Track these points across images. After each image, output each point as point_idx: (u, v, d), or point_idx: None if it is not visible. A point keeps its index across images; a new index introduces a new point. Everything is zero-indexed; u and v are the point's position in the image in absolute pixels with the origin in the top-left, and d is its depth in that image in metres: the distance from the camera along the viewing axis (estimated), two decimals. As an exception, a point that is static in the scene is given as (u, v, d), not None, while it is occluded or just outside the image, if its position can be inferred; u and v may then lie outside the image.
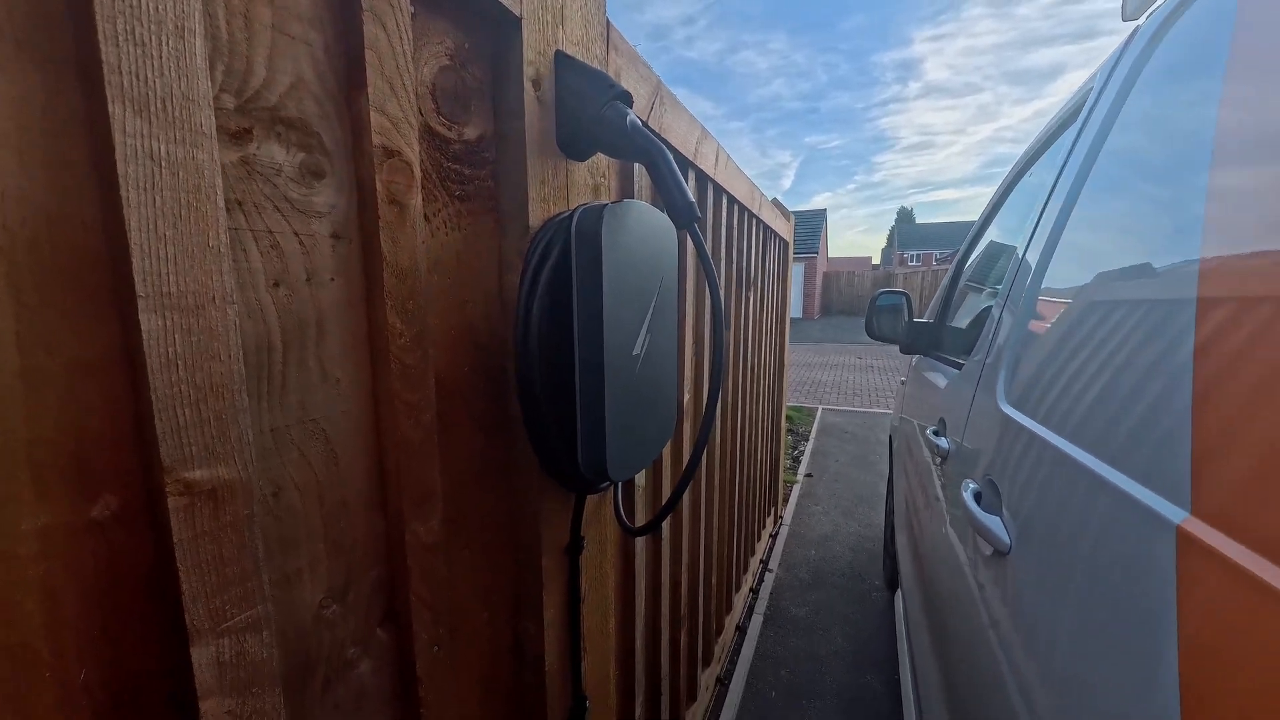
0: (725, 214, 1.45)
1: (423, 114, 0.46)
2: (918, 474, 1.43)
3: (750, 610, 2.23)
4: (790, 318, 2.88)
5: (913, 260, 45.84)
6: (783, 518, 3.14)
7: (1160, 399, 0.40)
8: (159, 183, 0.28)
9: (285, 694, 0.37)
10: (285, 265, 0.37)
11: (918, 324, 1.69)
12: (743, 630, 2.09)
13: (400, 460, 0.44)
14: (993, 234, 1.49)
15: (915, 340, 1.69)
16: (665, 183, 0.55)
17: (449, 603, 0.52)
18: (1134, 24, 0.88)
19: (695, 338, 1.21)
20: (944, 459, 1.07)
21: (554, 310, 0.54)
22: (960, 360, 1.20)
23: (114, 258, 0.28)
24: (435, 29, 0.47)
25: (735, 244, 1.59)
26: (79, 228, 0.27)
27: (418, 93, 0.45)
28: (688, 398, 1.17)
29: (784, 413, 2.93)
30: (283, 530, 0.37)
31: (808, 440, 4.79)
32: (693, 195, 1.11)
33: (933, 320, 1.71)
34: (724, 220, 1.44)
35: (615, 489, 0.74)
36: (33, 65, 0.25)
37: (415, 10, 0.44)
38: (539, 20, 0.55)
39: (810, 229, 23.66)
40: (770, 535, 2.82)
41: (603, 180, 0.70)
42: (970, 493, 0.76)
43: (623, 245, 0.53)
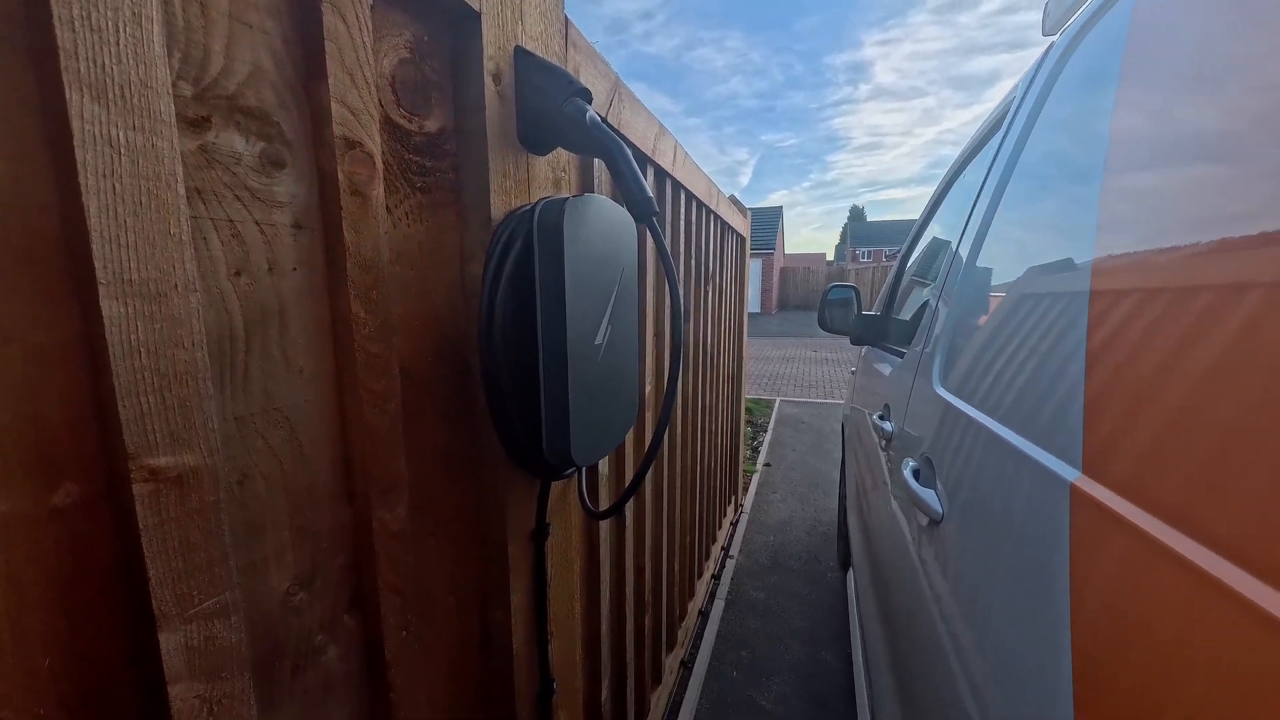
0: (684, 209, 1.48)
1: (383, 106, 0.47)
2: (867, 458, 1.51)
3: (712, 595, 2.29)
4: (749, 312, 2.96)
5: (864, 256, 47.61)
6: (743, 506, 3.23)
7: (1060, 377, 0.46)
8: (118, 170, 0.28)
9: (254, 680, 0.37)
10: (247, 254, 0.37)
11: (866, 316, 1.78)
12: (705, 615, 2.15)
13: (366, 448, 0.45)
14: (933, 231, 1.59)
15: (864, 332, 1.78)
16: (624, 178, 0.57)
17: (417, 589, 0.53)
18: (1050, 39, 0.96)
19: (656, 331, 1.24)
20: (889, 441, 1.15)
21: (517, 301, 0.55)
22: (903, 350, 1.28)
23: (72, 244, 0.28)
24: (394, 21, 0.48)
25: (694, 239, 1.62)
26: (36, 214, 0.27)
27: (378, 84, 0.45)
28: (649, 389, 1.20)
29: (743, 405, 3.01)
30: (248, 518, 0.38)
31: (766, 431, 4.94)
32: (651, 191, 1.13)
33: (879, 313, 1.80)
34: (683, 216, 1.47)
35: (580, 475, 0.76)
36: (-17, 48, 0.25)
37: (374, 2, 0.44)
38: (498, 16, 0.56)
39: (767, 226, 24.18)
40: (731, 523, 2.90)
41: (563, 174, 0.72)
42: (910, 470, 0.82)
43: (584, 238, 0.55)
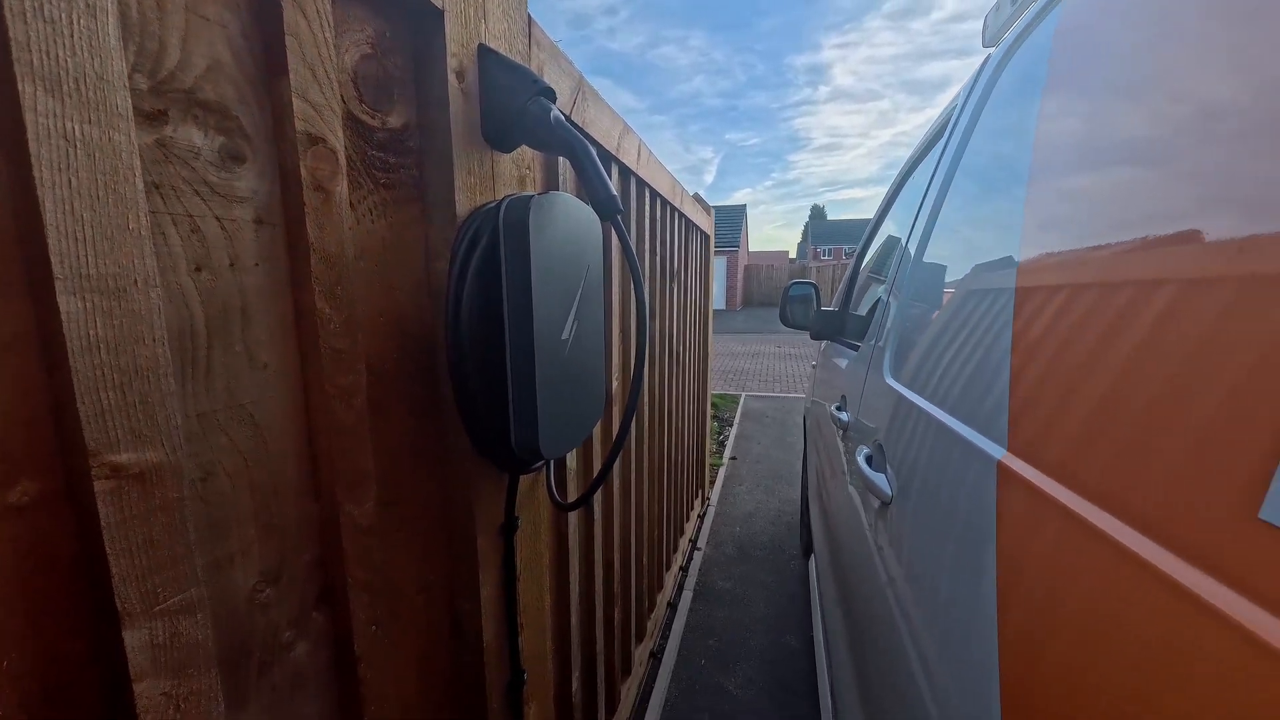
0: (648, 207, 1.50)
1: (345, 101, 0.47)
2: (826, 448, 1.57)
3: (680, 587, 2.33)
4: (714, 309, 3.01)
5: (825, 254, 48.91)
6: (710, 499, 3.29)
7: (991, 366, 0.50)
8: (74, 164, 0.28)
9: (221, 676, 0.37)
10: (207, 250, 0.36)
11: (825, 312, 1.85)
12: (674, 606, 2.19)
13: (333, 444, 0.45)
14: (887, 229, 1.66)
15: (822, 327, 1.85)
16: (588, 176, 0.59)
17: (386, 584, 0.54)
18: (989, 50, 1.03)
19: (623, 327, 1.25)
20: (845, 431, 1.20)
21: (483, 297, 0.56)
22: (858, 343, 1.34)
23: (25, 239, 0.27)
24: (355, 16, 0.48)
25: (659, 236, 1.65)
26: (-13, 207, 0.26)
27: (340, 80, 0.45)
28: (616, 384, 1.22)
29: (709, 400, 3.06)
30: (213, 514, 0.38)
31: (732, 425, 5.03)
32: (616, 189, 1.15)
33: (837, 308, 1.87)
34: (647, 213, 1.49)
35: (548, 469, 0.77)
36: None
37: (335, -3, 0.44)
38: (461, 13, 0.56)
39: (732, 224, 24.52)
40: (699, 516, 2.95)
41: (528, 172, 0.72)
42: (863, 456, 0.87)
43: (549, 235, 0.56)
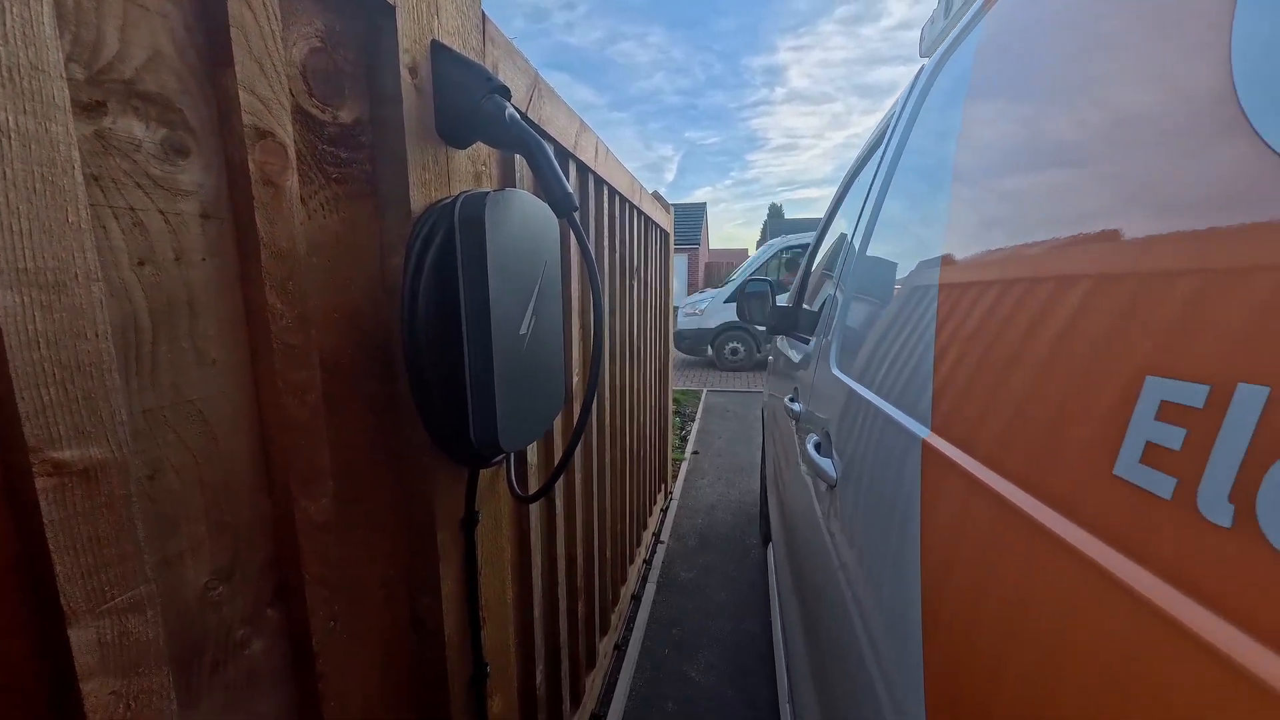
0: (606, 204, 1.52)
1: (295, 95, 0.46)
2: (782, 439, 1.63)
3: (644, 580, 2.37)
4: (675, 305, 3.05)
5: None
6: (672, 493, 3.34)
7: (918, 354, 0.55)
8: (9, 155, 0.27)
9: (174, 675, 0.37)
10: (151, 244, 0.36)
11: (779, 308, 1.92)
12: (638, 599, 2.22)
13: (287, 440, 0.45)
14: (837, 227, 1.74)
15: (778, 323, 1.91)
16: (544, 174, 0.60)
17: (345, 580, 0.53)
18: (925, 60, 1.10)
19: (583, 324, 1.27)
20: (798, 421, 1.26)
21: (440, 293, 0.56)
22: (810, 337, 1.40)
23: (-44, 231, 0.27)
24: (303, 10, 0.47)
25: (617, 234, 1.66)
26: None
27: (289, 74, 0.45)
28: (577, 379, 1.23)
29: (671, 396, 3.11)
30: (161, 512, 0.37)
31: (694, 420, 5.11)
32: (573, 186, 1.16)
33: (790, 304, 1.94)
34: (605, 211, 1.50)
35: (508, 462, 0.78)
36: None
37: (282, -10, 0.43)
38: (413, 9, 0.56)
39: (692, 222, 24.74)
40: (661, 510, 3.00)
41: (484, 168, 0.73)
42: (813, 443, 0.92)
43: (506, 231, 0.57)
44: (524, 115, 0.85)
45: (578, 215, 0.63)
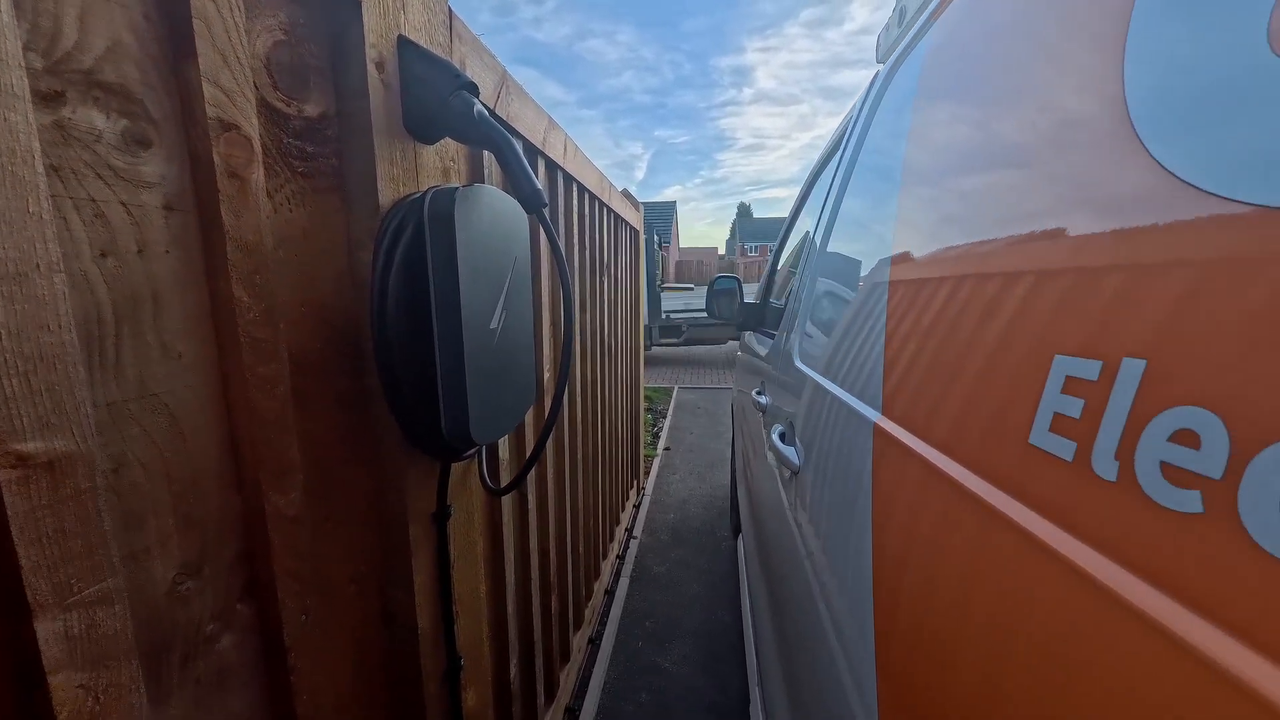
0: (576, 202, 1.52)
1: (259, 88, 0.46)
2: (750, 432, 1.68)
3: (618, 574, 2.39)
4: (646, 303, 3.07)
5: (752, 250, 50.90)
6: (645, 489, 3.37)
7: (871, 345, 0.59)
8: (-33, 144, 0.27)
9: (143, 668, 0.37)
10: (113, 236, 0.36)
11: (747, 305, 1.96)
12: (611, 593, 2.24)
13: (256, 434, 0.45)
14: (801, 226, 1.79)
15: (746, 319, 1.96)
16: (513, 170, 0.61)
17: (316, 574, 0.53)
18: (880, 65, 1.15)
19: (554, 320, 1.27)
20: (765, 413, 1.30)
21: (409, 288, 0.57)
22: (775, 332, 1.45)
23: (-88, 221, 0.26)
24: (266, 2, 0.47)
25: (587, 230, 1.67)
26: None
27: (253, 66, 0.45)
28: (548, 375, 1.24)
29: (642, 393, 3.13)
30: (127, 506, 0.37)
31: (666, 417, 5.15)
32: (542, 183, 1.16)
33: (758, 301, 1.99)
34: (575, 207, 1.51)
35: (480, 456, 0.78)
36: None
37: (245, -18, 0.43)
38: (379, 3, 0.56)
39: (662, 220, 24.85)
40: (634, 506, 3.02)
41: (452, 164, 0.73)
42: (777, 434, 0.95)
43: (475, 227, 0.58)
44: (492, 112, 0.85)
45: (547, 211, 0.64)
